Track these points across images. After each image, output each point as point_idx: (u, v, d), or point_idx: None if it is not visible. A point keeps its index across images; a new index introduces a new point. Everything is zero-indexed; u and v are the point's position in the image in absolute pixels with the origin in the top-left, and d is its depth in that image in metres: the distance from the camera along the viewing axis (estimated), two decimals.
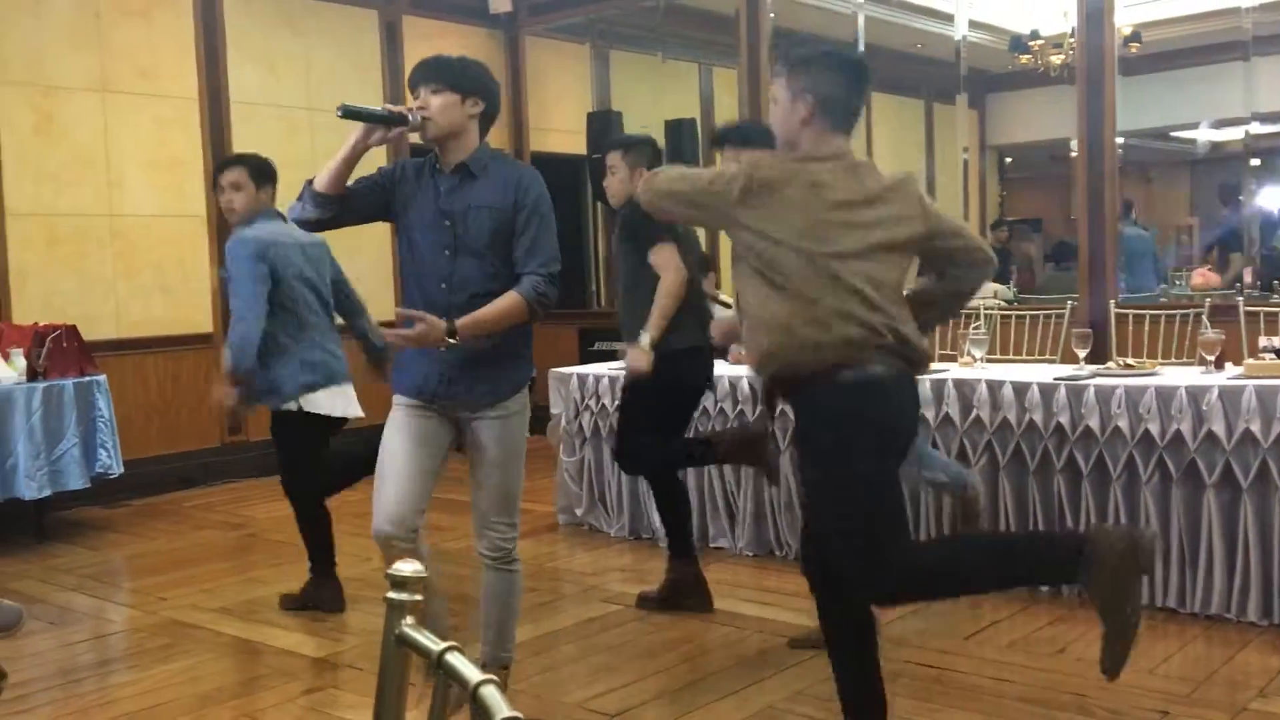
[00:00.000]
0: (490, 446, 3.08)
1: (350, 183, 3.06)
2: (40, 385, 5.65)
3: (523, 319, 2.98)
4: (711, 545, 5.17)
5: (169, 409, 7.17)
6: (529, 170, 3.10)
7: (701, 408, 4.91)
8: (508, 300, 2.94)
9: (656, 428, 4.13)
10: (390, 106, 2.99)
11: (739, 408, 4.96)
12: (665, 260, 3.97)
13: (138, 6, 7.08)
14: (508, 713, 1.03)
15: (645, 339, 3.92)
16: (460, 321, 2.89)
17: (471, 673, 1.07)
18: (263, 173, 4.37)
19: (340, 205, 3.06)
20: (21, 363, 5.67)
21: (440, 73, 2.99)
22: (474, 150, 3.04)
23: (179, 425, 7.20)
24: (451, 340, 2.89)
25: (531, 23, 9.05)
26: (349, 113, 2.88)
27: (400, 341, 2.98)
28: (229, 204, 4.33)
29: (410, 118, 2.92)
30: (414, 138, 3.01)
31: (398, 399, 3.14)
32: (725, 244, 3.95)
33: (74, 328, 5.99)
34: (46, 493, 5.66)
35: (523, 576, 3.25)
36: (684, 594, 4.33)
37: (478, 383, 3.05)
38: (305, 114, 7.87)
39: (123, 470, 6.04)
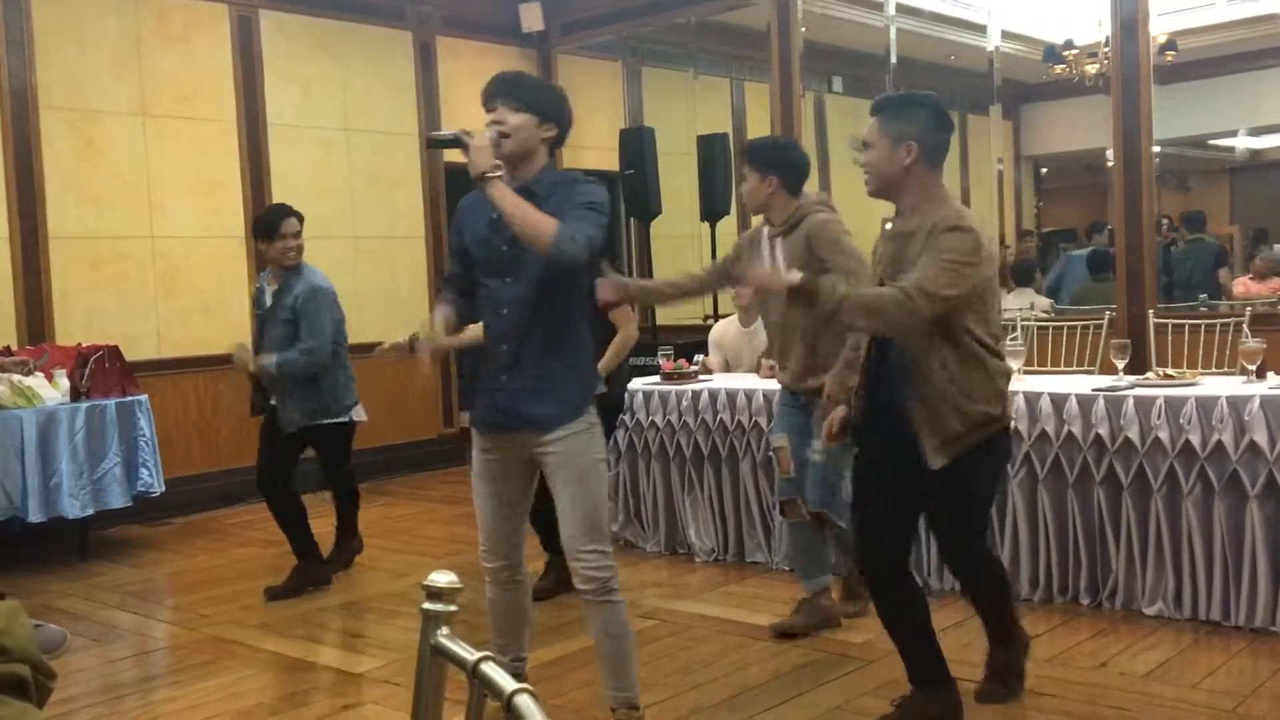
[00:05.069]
0: (558, 470, 3.03)
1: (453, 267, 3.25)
2: (83, 405, 5.73)
3: (546, 237, 2.79)
4: (748, 560, 5.16)
5: (209, 428, 7.25)
6: (588, 184, 2.99)
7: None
8: (541, 217, 2.81)
9: None
10: (460, 131, 2.90)
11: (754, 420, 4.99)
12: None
13: (177, 32, 7.19)
14: None
15: None
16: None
17: (506, 682, 1.08)
18: (301, 220, 5.06)
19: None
20: (65, 383, 5.76)
21: (519, 92, 2.96)
22: (539, 171, 2.98)
23: (219, 443, 7.28)
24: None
25: (564, 41, 9.10)
26: (435, 143, 2.96)
27: None
28: (291, 251, 4.97)
29: (489, 134, 2.89)
30: (454, 155, 3.00)
31: (474, 438, 3.20)
32: None
33: (116, 348, 6.08)
34: (89, 511, 5.74)
35: (625, 609, 3.13)
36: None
37: (531, 410, 3.00)
38: (342, 135, 7.95)
39: (164, 489, 6.12)
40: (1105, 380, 4.43)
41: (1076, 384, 4.43)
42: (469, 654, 1.16)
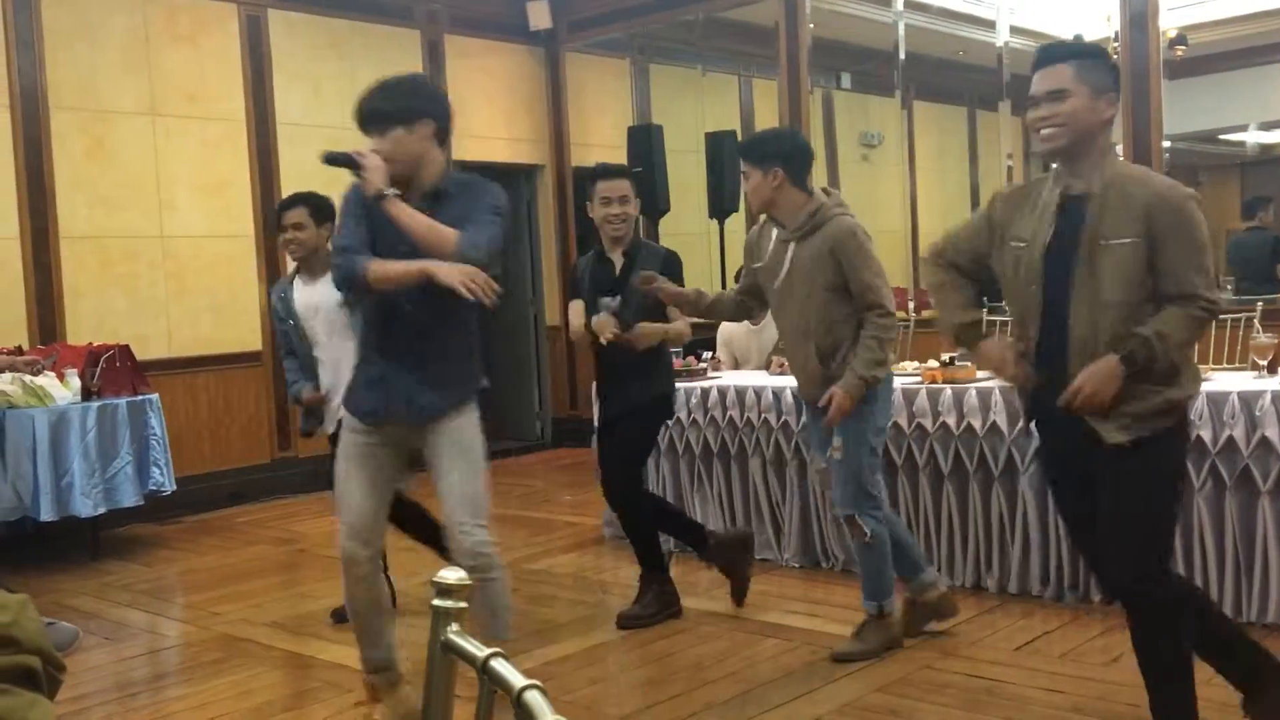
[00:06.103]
0: (447, 450, 3.13)
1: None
2: (94, 404, 5.75)
3: (449, 246, 2.96)
4: (758, 556, 5.15)
5: (220, 426, 7.27)
6: (490, 187, 3.16)
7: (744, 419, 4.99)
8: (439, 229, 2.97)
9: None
10: (354, 153, 3.10)
11: (783, 418, 4.96)
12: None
13: (186, 31, 7.21)
14: (552, 718, 1.03)
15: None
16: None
17: (516, 678, 1.08)
18: (322, 210, 4.41)
19: None
20: (76, 382, 5.78)
21: (380, 115, 3.07)
22: (443, 170, 3.11)
23: (230, 442, 7.30)
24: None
25: (572, 39, 9.10)
26: (330, 160, 3.07)
27: None
28: (292, 245, 4.40)
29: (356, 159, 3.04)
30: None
31: (348, 422, 3.24)
32: None
33: (127, 347, 6.10)
34: (101, 510, 5.76)
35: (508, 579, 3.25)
36: (667, 606, 4.38)
37: (426, 400, 3.11)
38: (350, 134, 7.92)
39: (175, 487, 6.13)
40: None
41: None
42: (479, 650, 1.16)
